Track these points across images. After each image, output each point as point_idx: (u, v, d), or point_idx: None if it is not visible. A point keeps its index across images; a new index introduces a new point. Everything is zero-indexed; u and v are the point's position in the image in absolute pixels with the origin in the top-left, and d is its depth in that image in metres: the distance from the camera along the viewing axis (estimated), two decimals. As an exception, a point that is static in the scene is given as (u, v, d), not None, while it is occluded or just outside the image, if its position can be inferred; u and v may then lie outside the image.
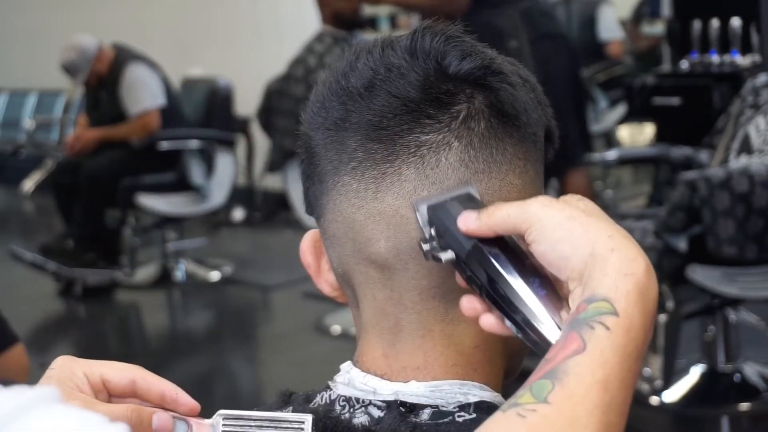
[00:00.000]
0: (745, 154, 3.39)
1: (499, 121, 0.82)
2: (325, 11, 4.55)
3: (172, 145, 5.54)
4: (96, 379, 0.82)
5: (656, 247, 3.32)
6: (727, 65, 4.33)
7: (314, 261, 0.88)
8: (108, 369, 0.83)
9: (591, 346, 0.66)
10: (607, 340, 0.67)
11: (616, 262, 0.69)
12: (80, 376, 0.82)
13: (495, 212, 0.74)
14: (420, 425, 0.80)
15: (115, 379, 0.82)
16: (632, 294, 0.68)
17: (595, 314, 0.68)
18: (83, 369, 0.82)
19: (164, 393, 0.83)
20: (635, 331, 0.68)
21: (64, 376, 0.81)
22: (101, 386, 0.82)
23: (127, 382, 0.82)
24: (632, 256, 0.69)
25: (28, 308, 5.33)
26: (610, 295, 0.68)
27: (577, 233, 0.70)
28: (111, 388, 0.82)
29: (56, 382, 0.81)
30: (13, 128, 9.07)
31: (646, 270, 0.69)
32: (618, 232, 0.71)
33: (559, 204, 0.72)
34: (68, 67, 5.62)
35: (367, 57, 0.83)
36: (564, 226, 0.71)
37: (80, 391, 0.81)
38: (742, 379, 3.56)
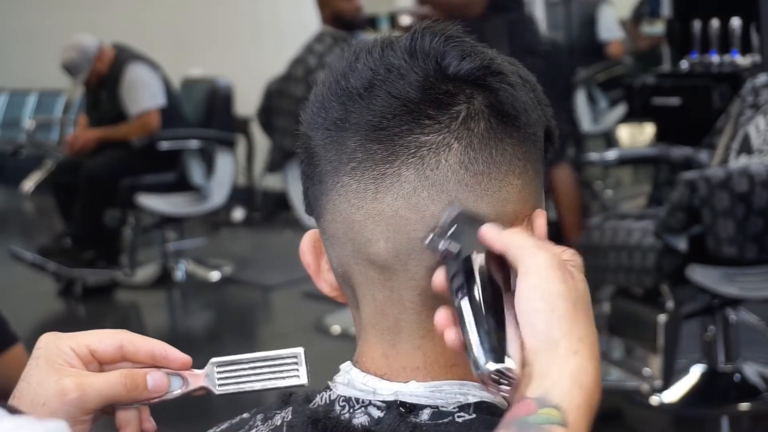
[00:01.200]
0: (745, 154, 3.39)
1: (498, 122, 0.81)
2: (325, 11, 4.55)
3: (172, 145, 5.54)
4: (83, 350, 0.82)
5: (656, 247, 3.32)
6: (727, 65, 4.33)
7: (314, 261, 0.88)
8: (93, 338, 0.83)
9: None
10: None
11: (574, 369, 0.70)
12: (67, 351, 0.82)
13: (515, 236, 0.75)
14: (420, 425, 0.80)
15: (102, 347, 0.83)
16: (582, 408, 0.70)
17: (544, 421, 0.68)
18: (69, 343, 0.82)
19: (153, 352, 0.83)
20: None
21: (51, 353, 0.82)
22: (90, 357, 0.82)
23: (114, 349, 0.83)
24: (589, 367, 0.71)
25: (28, 308, 5.33)
26: (563, 405, 0.69)
27: (556, 314, 0.71)
28: (100, 357, 0.83)
29: (45, 362, 0.81)
30: (13, 128, 9.08)
31: (596, 384, 0.72)
32: (589, 336, 0.72)
33: (562, 272, 0.73)
34: (69, 67, 5.62)
35: (366, 57, 0.83)
36: (550, 301, 0.72)
37: (70, 365, 0.81)
38: (742, 379, 3.56)
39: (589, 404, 0.70)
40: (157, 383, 0.82)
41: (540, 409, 0.69)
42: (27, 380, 0.82)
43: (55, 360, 0.81)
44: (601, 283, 3.54)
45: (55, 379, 0.80)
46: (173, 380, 0.83)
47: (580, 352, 0.71)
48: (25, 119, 8.89)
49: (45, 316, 5.52)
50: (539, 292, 0.72)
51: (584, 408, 0.70)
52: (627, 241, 3.40)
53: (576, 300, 0.72)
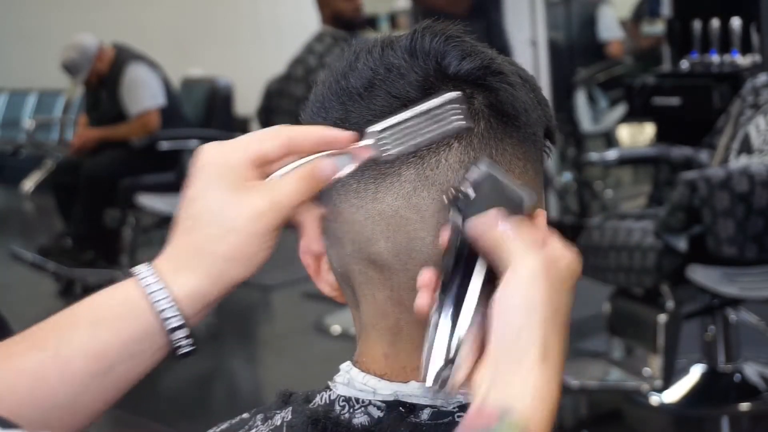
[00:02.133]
0: (745, 154, 3.39)
1: (498, 122, 0.81)
2: (325, 11, 4.55)
3: (172, 145, 5.54)
4: (255, 158, 0.78)
5: (656, 247, 3.32)
6: (727, 65, 4.33)
7: (314, 261, 0.88)
8: (258, 144, 0.78)
9: None
10: None
11: (539, 381, 0.70)
12: (240, 162, 0.77)
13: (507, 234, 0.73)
14: (420, 425, 0.80)
15: (269, 148, 0.78)
16: (544, 422, 0.69)
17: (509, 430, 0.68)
18: (237, 155, 0.78)
19: (319, 139, 0.79)
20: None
21: (222, 169, 0.77)
22: (260, 162, 0.78)
23: (281, 146, 0.79)
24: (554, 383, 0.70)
25: (28, 308, 5.33)
26: (527, 414, 0.68)
27: (529, 321, 0.71)
28: (271, 160, 0.79)
29: (217, 178, 0.77)
30: (13, 128, 9.08)
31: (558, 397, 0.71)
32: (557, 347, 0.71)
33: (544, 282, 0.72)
34: (69, 67, 5.62)
35: (366, 57, 0.83)
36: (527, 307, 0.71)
37: (248, 180, 0.77)
38: (742, 379, 3.56)
39: (551, 418, 0.70)
40: (332, 168, 0.78)
41: (504, 421, 0.68)
42: (205, 206, 0.77)
43: (228, 176, 0.76)
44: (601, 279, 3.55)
45: (242, 200, 0.76)
46: (341, 160, 0.79)
47: (544, 364, 0.70)
48: (25, 119, 8.89)
49: (45, 316, 5.49)
50: (519, 297, 0.71)
51: (546, 422, 0.69)
52: (627, 241, 3.40)
53: (555, 312, 0.72)
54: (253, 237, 0.77)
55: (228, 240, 0.77)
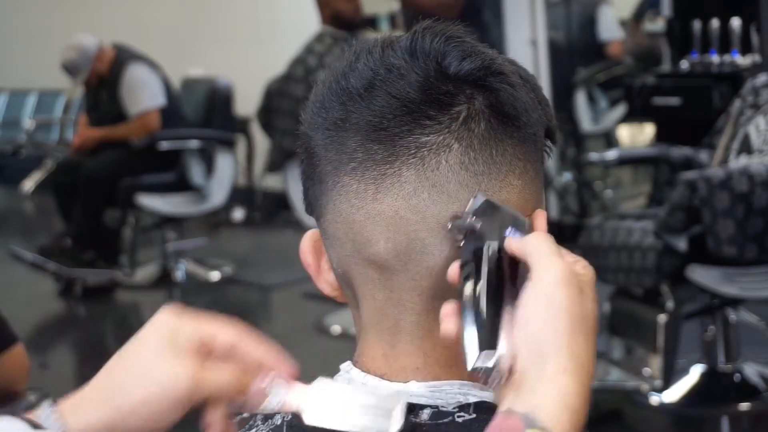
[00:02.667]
0: (745, 154, 3.39)
1: (499, 122, 0.81)
2: (325, 11, 4.55)
3: (172, 145, 5.54)
4: (203, 339, 0.78)
5: (656, 247, 3.32)
6: (727, 65, 4.33)
7: (314, 261, 0.88)
8: (215, 329, 0.79)
9: None
10: None
11: (563, 390, 0.69)
12: (189, 335, 0.78)
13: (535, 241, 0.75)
14: (420, 425, 0.80)
15: (221, 337, 0.79)
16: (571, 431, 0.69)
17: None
18: (191, 327, 0.78)
19: (265, 356, 0.80)
20: None
21: (172, 334, 0.78)
22: (206, 347, 0.79)
23: (231, 342, 0.79)
24: (580, 390, 0.70)
25: (28, 308, 5.33)
26: (550, 426, 0.68)
27: (552, 327, 0.71)
28: (214, 348, 0.79)
29: (162, 337, 0.77)
30: (13, 128, 9.07)
31: (584, 406, 0.70)
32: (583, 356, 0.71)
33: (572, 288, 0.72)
34: (68, 67, 5.62)
35: (366, 57, 0.83)
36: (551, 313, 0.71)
37: (187, 352, 0.77)
38: (742, 379, 3.56)
39: (577, 427, 0.69)
40: (262, 392, 0.79)
41: (528, 429, 0.68)
42: (137, 351, 0.77)
43: (173, 340, 0.77)
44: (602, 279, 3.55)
45: (171, 364, 0.76)
46: (275, 393, 0.79)
47: (569, 371, 0.70)
48: (25, 119, 8.89)
49: (45, 316, 5.53)
50: (543, 303, 0.72)
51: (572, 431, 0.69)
52: (627, 241, 3.40)
53: (581, 318, 0.72)
54: (166, 399, 0.75)
55: (144, 388, 0.75)
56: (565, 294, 0.72)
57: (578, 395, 0.70)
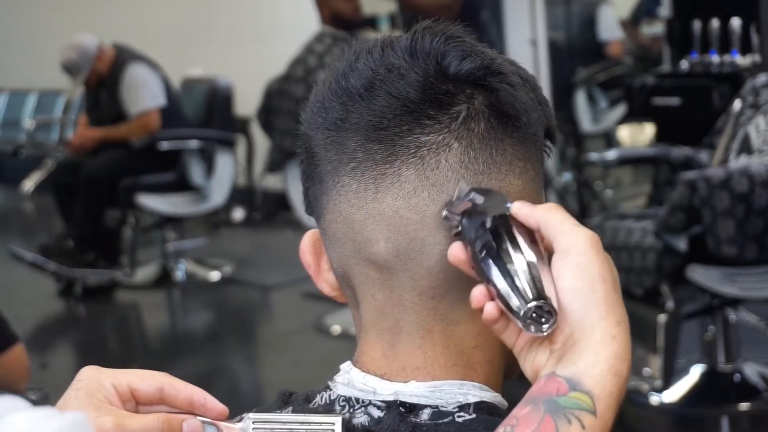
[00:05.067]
0: (745, 154, 3.39)
1: (499, 122, 0.81)
2: (325, 11, 4.55)
3: (172, 145, 5.54)
4: (124, 388, 0.81)
5: (656, 247, 3.32)
6: (727, 65, 4.33)
7: (314, 261, 0.88)
8: (135, 377, 0.82)
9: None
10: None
11: (611, 356, 0.69)
12: (108, 387, 0.81)
13: (552, 212, 0.74)
14: (420, 425, 0.80)
15: (143, 387, 0.82)
16: (613, 397, 0.69)
17: (575, 406, 0.68)
18: (111, 379, 0.81)
19: (192, 398, 0.82)
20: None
21: (92, 387, 0.81)
22: (129, 395, 0.82)
23: (154, 390, 0.82)
24: (625, 354, 0.70)
25: (28, 308, 5.33)
26: (595, 392, 0.68)
27: (597, 297, 0.71)
28: (139, 397, 0.82)
29: (85, 394, 0.80)
30: (13, 128, 9.07)
31: (628, 374, 0.70)
32: (625, 322, 0.71)
33: (603, 255, 0.72)
34: (69, 67, 5.62)
35: (366, 57, 0.83)
36: (590, 282, 0.71)
37: (110, 402, 0.80)
38: (742, 379, 3.56)
39: (620, 392, 0.70)
40: (192, 430, 0.81)
41: (571, 392, 0.68)
42: (63, 409, 0.79)
43: (95, 395, 0.80)
44: None
45: (94, 416, 0.79)
46: (208, 429, 0.82)
47: (617, 337, 0.70)
48: (25, 119, 8.89)
49: (45, 316, 5.53)
50: (580, 272, 0.71)
51: (615, 396, 0.69)
52: (627, 241, 3.40)
53: (614, 282, 0.72)
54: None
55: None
56: (598, 260, 0.72)
57: (624, 360, 0.70)
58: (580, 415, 0.68)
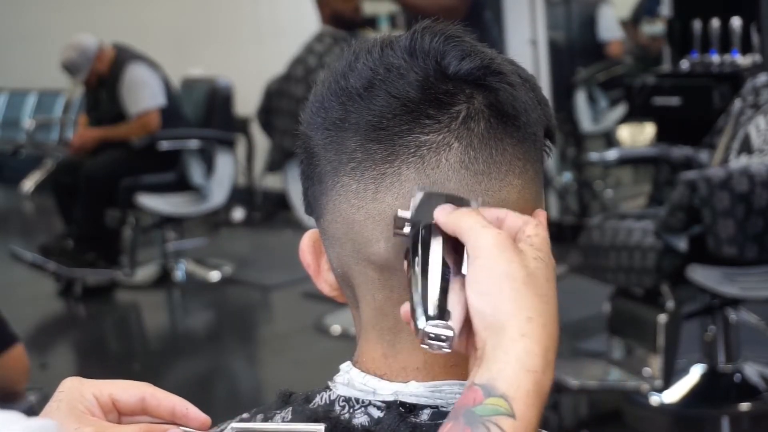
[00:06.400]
0: (745, 154, 3.39)
1: (498, 122, 0.81)
2: (325, 11, 4.55)
3: (172, 145, 5.54)
4: (105, 399, 0.81)
5: (656, 247, 3.32)
6: (727, 65, 4.33)
7: (314, 261, 0.88)
8: (117, 388, 0.82)
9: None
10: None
11: (521, 353, 0.68)
12: (90, 398, 0.81)
13: (464, 217, 0.73)
14: (420, 425, 0.80)
15: (125, 397, 0.82)
16: (531, 394, 0.67)
17: (492, 413, 0.66)
18: (92, 390, 0.81)
19: (174, 408, 0.82)
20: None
21: (73, 398, 0.81)
22: (111, 406, 0.81)
23: (136, 400, 0.82)
24: (538, 350, 0.68)
25: (28, 308, 5.33)
26: (510, 393, 0.67)
27: (503, 296, 0.70)
28: (121, 408, 0.82)
29: (66, 405, 0.80)
30: (13, 128, 9.07)
31: (546, 366, 0.68)
32: (540, 316, 0.69)
33: (509, 252, 0.71)
34: (68, 67, 5.62)
35: (366, 57, 0.83)
36: (496, 282, 0.70)
37: (91, 413, 0.80)
38: (742, 379, 3.56)
39: (539, 388, 0.68)
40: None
41: (486, 399, 0.67)
42: None
43: (76, 406, 0.80)
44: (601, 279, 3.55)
45: (75, 427, 0.79)
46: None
47: (528, 334, 0.68)
48: (25, 119, 8.89)
49: (45, 316, 5.53)
50: (485, 274, 0.70)
51: (534, 393, 0.67)
52: (627, 241, 3.40)
53: (525, 279, 0.70)
54: None
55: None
56: (503, 259, 0.71)
57: (539, 356, 0.68)
58: (498, 421, 0.66)
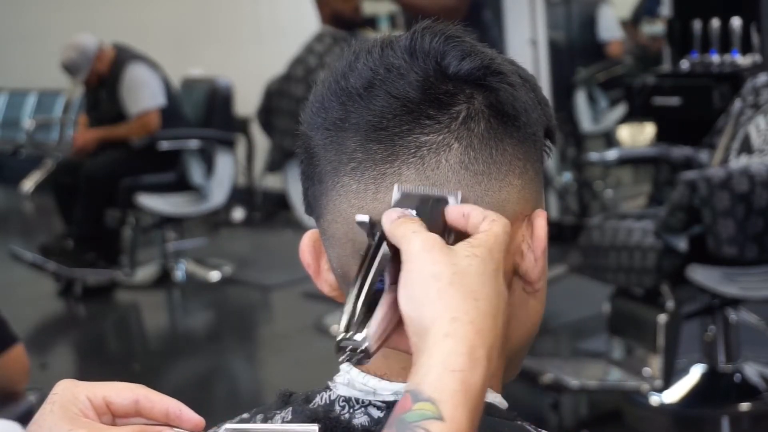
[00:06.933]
0: (745, 154, 3.39)
1: (498, 122, 0.81)
2: (325, 11, 4.55)
3: (172, 145, 5.54)
4: (99, 401, 0.81)
5: (656, 247, 3.32)
6: (727, 65, 4.33)
7: (314, 261, 0.88)
8: (110, 390, 0.82)
9: None
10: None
11: (445, 354, 0.67)
12: (83, 400, 0.81)
13: (399, 225, 0.73)
14: (420, 425, 0.80)
15: (118, 399, 0.81)
16: (458, 394, 0.66)
17: (419, 418, 0.65)
18: (86, 392, 0.81)
19: (168, 410, 0.82)
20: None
21: (66, 401, 0.81)
22: (105, 408, 0.81)
23: (130, 402, 0.82)
24: (464, 349, 0.67)
25: (28, 308, 5.33)
26: (435, 396, 0.66)
27: (429, 298, 0.69)
28: (114, 410, 0.82)
29: (59, 408, 0.80)
30: (13, 128, 9.08)
31: (474, 364, 0.67)
32: (467, 314, 0.68)
33: (437, 254, 0.71)
34: (68, 67, 5.62)
35: (366, 57, 0.83)
36: (422, 285, 0.70)
37: (84, 415, 0.80)
38: (742, 379, 3.56)
39: (467, 387, 0.66)
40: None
41: (414, 405, 0.66)
42: (39, 423, 0.81)
43: (70, 408, 0.80)
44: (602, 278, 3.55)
45: (68, 428, 0.79)
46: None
47: (451, 334, 0.67)
48: (25, 119, 8.89)
49: (45, 316, 5.53)
50: (412, 279, 0.70)
51: (462, 392, 0.66)
52: (627, 241, 3.40)
53: (451, 278, 0.70)
54: None
55: None
56: (429, 261, 0.70)
57: (464, 355, 0.67)
58: (426, 425, 0.65)
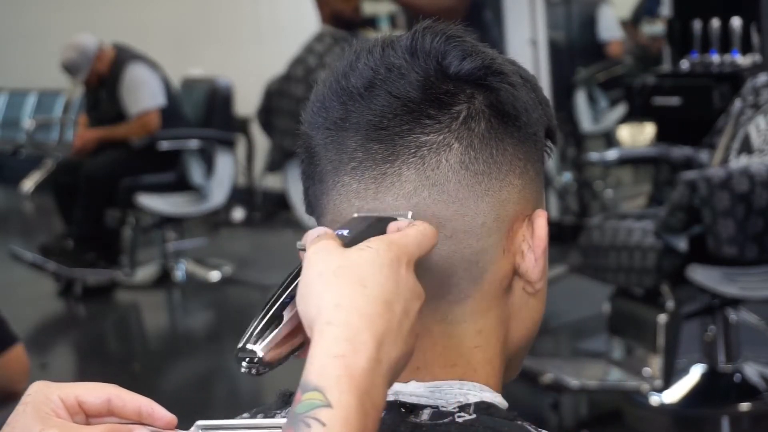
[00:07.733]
0: (745, 154, 3.39)
1: (499, 122, 0.81)
2: (325, 11, 4.54)
3: (172, 145, 5.54)
4: (71, 401, 0.81)
5: (656, 247, 3.32)
6: (727, 65, 4.33)
7: (314, 261, 0.88)
8: (82, 390, 0.82)
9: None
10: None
11: (327, 341, 0.67)
12: (55, 401, 0.81)
13: (313, 244, 0.73)
14: (420, 425, 0.80)
15: (90, 399, 0.82)
16: (343, 379, 0.65)
17: (309, 408, 0.65)
18: (58, 393, 0.81)
19: (140, 408, 0.82)
20: (355, 419, 0.65)
21: (39, 401, 0.81)
22: (77, 408, 0.81)
23: (102, 402, 0.82)
24: (346, 333, 0.67)
25: (28, 308, 5.33)
26: (321, 384, 0.65)
27: (315, 292, 0.69)
28: (87, 409, 0.82)
29: (32, 408, 0.80)
30: (13, 128, 9.08)
31: (358, 348, 0.67)
32: (351, 300, 0.68)
33: (324, 252, 0.71)
34: (68, 67, 5.62)
35: (367, 57, 0.83)
36: (310, 283, 0.70)
37: (57, 415, 0.80)
38: (742, 379, 3.56)
39: (351, 372, 0.66)
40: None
41: (303, 395, 0.66)
42: (12, 425, 0.81)
43: (42, 408, 0.80)
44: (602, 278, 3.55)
45: (40, 428, 0.79)
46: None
47: (333, 320, 0.67)
48: (25, 119, 8.89)
49: (45, 316, 5.53)
50: (304, 280, 0.71)
51: (347, 377, 0.66)
52: (627, 241, 3.40)
53: (337, 270, 0.70)
54: None
55: None
56: (318, 260, 0.70)
57: (346, 339, 0.67)
58: (316, 414, 0.65)
